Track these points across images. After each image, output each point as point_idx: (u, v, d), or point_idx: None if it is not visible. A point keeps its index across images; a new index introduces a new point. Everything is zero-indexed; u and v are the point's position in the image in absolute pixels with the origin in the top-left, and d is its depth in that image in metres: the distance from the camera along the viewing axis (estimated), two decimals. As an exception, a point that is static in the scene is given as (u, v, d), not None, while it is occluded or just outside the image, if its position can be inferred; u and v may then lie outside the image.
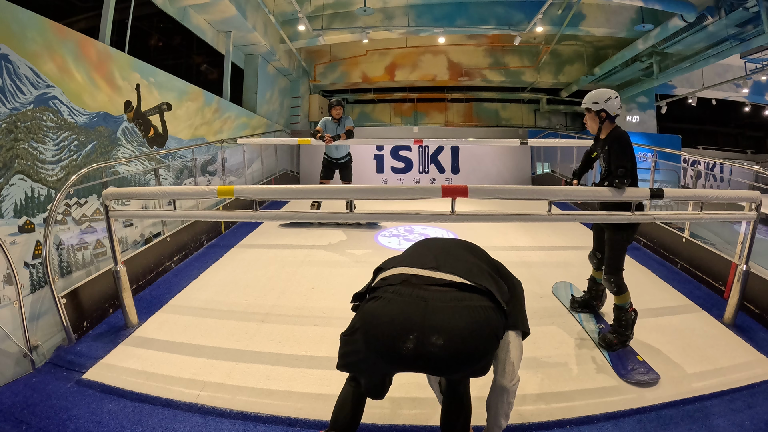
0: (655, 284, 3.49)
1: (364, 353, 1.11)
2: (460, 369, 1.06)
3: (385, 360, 1.07)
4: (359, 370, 1.22)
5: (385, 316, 1.02)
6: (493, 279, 1.19)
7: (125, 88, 4.48)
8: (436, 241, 1.42)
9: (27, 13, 3.19)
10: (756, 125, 12.99)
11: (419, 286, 1.03)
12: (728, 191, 4.93)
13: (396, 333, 1.00)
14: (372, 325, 1.04)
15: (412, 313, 0.99)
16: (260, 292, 3.24)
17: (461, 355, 1.02)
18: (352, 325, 1.16)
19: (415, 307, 1.00)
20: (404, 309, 1.00)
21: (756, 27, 6.41)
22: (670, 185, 7.77)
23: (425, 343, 0.98)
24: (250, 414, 1.95)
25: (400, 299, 1.01)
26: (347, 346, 1.18)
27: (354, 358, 1.17)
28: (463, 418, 1.37)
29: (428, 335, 0.98)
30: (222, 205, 5.26)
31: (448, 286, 1.04)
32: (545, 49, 10.40)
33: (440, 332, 0.98)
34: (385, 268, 1.20)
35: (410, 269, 1.10)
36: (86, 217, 3.77)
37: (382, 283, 1.12)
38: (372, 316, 1.04)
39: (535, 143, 7.38)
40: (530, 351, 2.48)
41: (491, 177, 8.51)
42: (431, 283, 1.05)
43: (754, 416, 1.93)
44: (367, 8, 7.47)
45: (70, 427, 1.86)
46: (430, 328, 0.99)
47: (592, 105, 2.47)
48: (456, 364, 1.03)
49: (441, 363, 1.02)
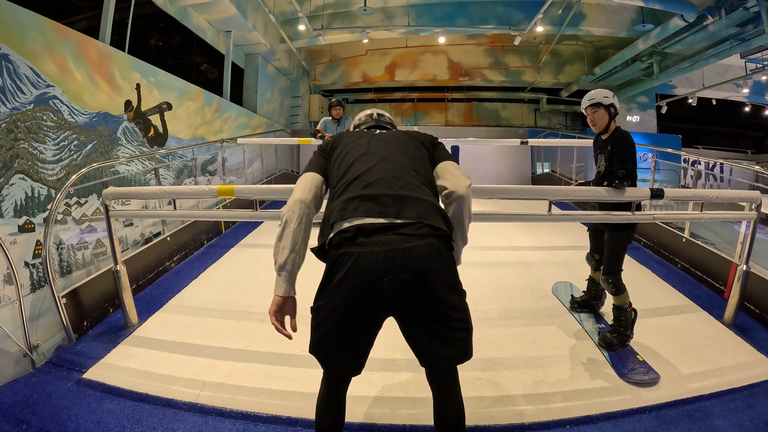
0: (655, 284, 3.49)
1: (341, 312, 1.24)
2: (430, 293, 1.23)
3: (364, 308, 1.24)
4: (333, 340, 1.30)
5: (365, 268, 1.21)
6: (439, 211, 1.34)
7: (125, 87, 4.49)
8: (387, 165, 1.42)
9: (27, 13, 3.19)
10: (756, 125, 12.99)
11: (386, 242, 1.22)
12: (728, 191, 4.93)
13: (375, 278, 1.20)
14: (356, 275, 1.21)
15: (386, 263, 1.20)
16: (260, 292, 3.24)
17: (429, 278, 1.22)
18: (325, 286, 1.29)
19: (387, 258, 1.20)
20: (379, 260, 1.20)
21: (756, 27, 6.41)
22: (670, 185, 7.77)
23: (397, 279, 1.20)
24: (250, 414, 1.95)
25: (373, 251, 1.21)
26: (322, 314, 1.29)
27: (329, 325, 1.28)
28: (457, 412, 1.37)
29: (399, 273, 1.20)
30: (222, 205, 5.27)
31: (408, 235, 1.24)
32: (545, 48, 10.40)
33: (407, 270, 1.20)
34: (346, 217, 1.29)
35: (371, 220, 1.26)
36: (86, 216, 3.78)
37: (346, 236, 1.26)
38: (355, 269, 1.21)
39: (535, 143, 7.39)
40: (530, 351, 2.49)
41: (491, 177, 8.52)
42: (394, 232, 1.24)
43: (754, 416, 1.92)
44: (367, 8, 7.47)
45: (70, 426, 1.86)
46: (400, 269, 1.20)
47: (603, 99, 2.40)
48: (425, 288, 1.23)
49: (413, 291, 1.22)
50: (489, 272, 3.72)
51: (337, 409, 1.41)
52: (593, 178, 2.67)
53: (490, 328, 2.73)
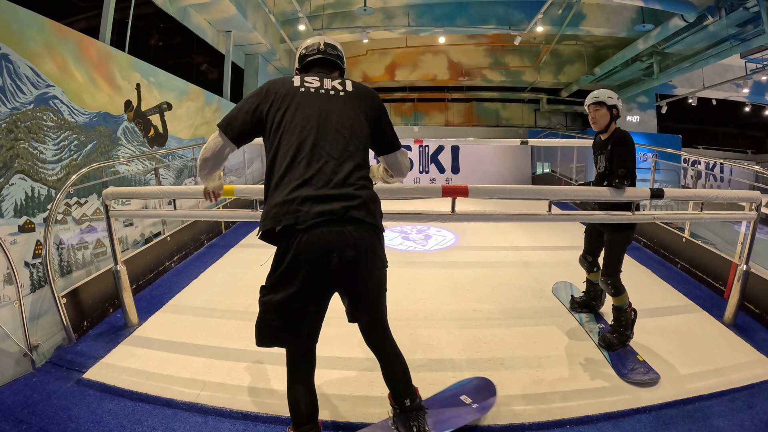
0: (655, 284, 3.49)
1: (297, 286, 1.37)
2: (362, 266, 1.43)
3: (316, 280, 1.38)
4: (285, 326, 1.44)
5: (316, 248, 1.36)
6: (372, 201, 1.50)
7: (125, 87, 4.48)
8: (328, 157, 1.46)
9: (27, 13, 3.19)
10: (756, 125, 12.99)
11: (331, 223, 1.37)
12: (728, 191, 4.93)
13: (325, 253, 1.36)
14: (310, 253, 1.36)
15: (334, 241, 1.37)
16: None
17: (361, 254, 1.41)
18: (278, 264, 1.40)
19: (334, 238, 1.37)
20: (326, 241, 1.36)
21: (756, 27, 6.41)
22: (670, 185, 7.77)
23: (344, 255, 1.37)
24: (250, 414, 1.95)
25: (320, 234, 1.36)
26: (275, 292, 1.41)
27: (280, 312, 1.41)
28: (401, 365, 1.61)
29: (345, 250, 1.37)
30: (222, 205, 5.27)
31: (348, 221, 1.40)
32: (545, 48, 10.40)
33: (351, 247, 1.38)
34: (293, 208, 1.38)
35: (320, 213, 1.37)
36: (86, 216, 3.77)
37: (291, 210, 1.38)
38: (308, 249, 1.36)
39: (535, 143, 7.39)
40: (530, 351, 2.49)
41: (491, 177, 8.52)
42: (337, 221, 1.39)
43: (754, 416, 1.92)
44: (367, 8, 7.47)
45: (70, 426, 1.86)
46: (345, 247, 1.38)
47: (606, 99, 2.42)
48: (361, 261, 1.42)
49: (353, 263, 1.40)
50: (489, 272, 3.72)
51: (309, 395, 1.49)
52: (593, 179, 2.67)
53: (490, 328, 2.74)
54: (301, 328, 1.46)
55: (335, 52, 1.72)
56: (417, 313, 2.92)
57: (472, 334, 2.67)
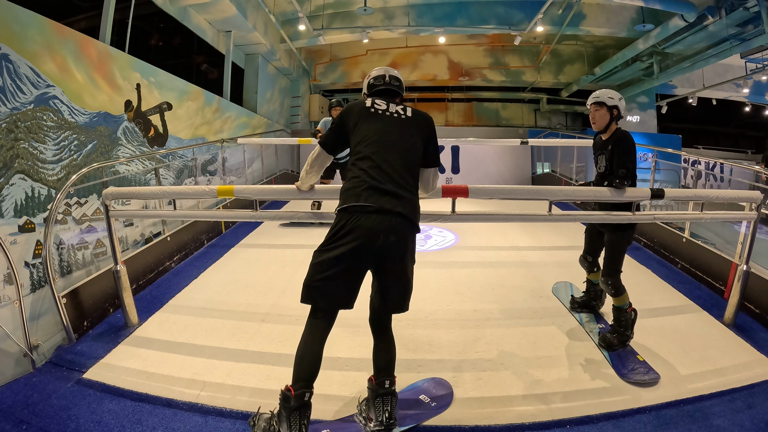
0: (655, 284, 3.49)
1: (347, 256, 1.66)
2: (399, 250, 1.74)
3: (362, 254, 1.67)
4: (330, 284, 1.69)
5: (370, 227, 1.67)
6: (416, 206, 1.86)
7: (125, 87, 4.49)
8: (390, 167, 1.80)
9: (27, 13, 3.19)
10: (756, 125, 12.98)
11: (384, 213, 1.70)
12: (728, 191, 4.93)
13: (374, 234, 1.67)
14: (364, 229, 1.67)
15: (383, 225, 1.68)
16: (260, 292, 3.24)
17: (401, 241, 1.73)
18: (338, 232, 1.70)
19: (384, 224, 1.68)
20: (378, 224, 1.68)
21: (756, 27, 6.41)
22: (670, 185, 7.76)
23: (388, 238, 1.68)
24: (250, 414, 1.94)
25: (375, 218, 1.68)
26: (330, 251, 1.69)
27: (330, 269, 1.68)
28: (392, 352, 1.83)
29: (388, 235, 1.68)
30: (222, 205, 5.27)
31: (396, 214, 1.72)
32: (545, 48, 10.40)
33: (393, 233, 1.69)
34: (361, 195, 1.73)
35: (378, 203, 1.70)
36: (86, 216, 3.78)
37: (356, 204, 1.71)
38: (364, 226, 1.67)
39: (535, 143, 7.38)
40: (530, 351, 2.49)
41: (491, 177, 8.51)
42: (389, 212, 1.71)
43: (754, 416, 1.92)
44: (367, 8, 7.47)
45: (70, 426, 1.86)
46: (390, 232, 1.69)
47: (607, 99, 2.42)
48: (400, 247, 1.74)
49: (394, 246, 1.71)
50: (489, 272, 3.72)
51: (315, 358, 1.67)
52: (593, 179, 2.67)
53: (490, 328, 2.74)
54: (341, 288, 1.71)
55: (397, 83, 2.07)
56: (417, 313, 2.91)
57: (472, 334, 2.67)
